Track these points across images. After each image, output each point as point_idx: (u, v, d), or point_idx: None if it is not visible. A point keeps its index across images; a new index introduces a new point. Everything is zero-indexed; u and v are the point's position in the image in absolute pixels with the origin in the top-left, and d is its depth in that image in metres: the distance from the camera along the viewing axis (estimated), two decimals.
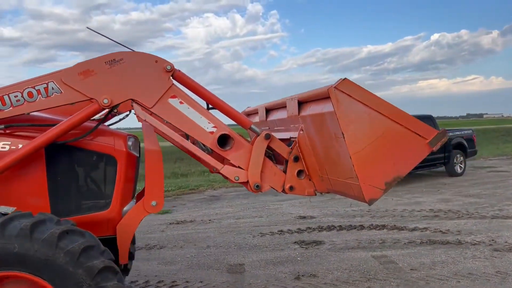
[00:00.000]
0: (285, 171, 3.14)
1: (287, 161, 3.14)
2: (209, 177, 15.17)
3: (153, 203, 3.08)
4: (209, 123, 3.00)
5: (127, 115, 3.82)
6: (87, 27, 3.37)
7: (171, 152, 29.99)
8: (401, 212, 8.31)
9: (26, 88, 2.77)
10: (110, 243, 3.05)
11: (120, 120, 3.71)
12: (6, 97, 2.76)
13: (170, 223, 8.19)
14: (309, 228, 7.27)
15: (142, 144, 3.35)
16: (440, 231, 6.77)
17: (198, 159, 3.23)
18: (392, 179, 2.70)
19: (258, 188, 3.06)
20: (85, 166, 3.16)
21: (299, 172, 3.15)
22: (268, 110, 4.04)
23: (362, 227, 7.21)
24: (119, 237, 3.10)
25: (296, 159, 3.13)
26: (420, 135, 2.69)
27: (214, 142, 2.98)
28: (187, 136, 3.34)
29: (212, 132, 3.00)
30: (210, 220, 8.39)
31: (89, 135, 3.05)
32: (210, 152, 3.14)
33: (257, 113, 4.25)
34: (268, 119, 4.00)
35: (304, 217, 8.19)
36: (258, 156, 3.05)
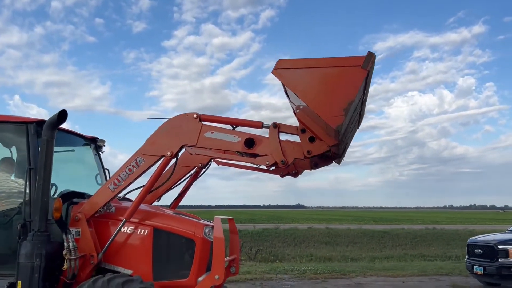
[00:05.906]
0: None
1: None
2: (367, 264, 14.68)
3: (216, 277, 4.05)
4: (234, 136, 4.24)
5: (206, 169, 5.28)
6: (148, 118, 5.00)
7: (344, 235, 29.72)
8: None
9: (127, 167, 4.46)
10: None
11: (203, 173, 5.22)
12: (119, 177, 4.47)
13: None
14: None
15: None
16: None
17: (241, 164, 4.38)
18: (347, 105, 3.47)
19: (283, 163, 4.04)
20: (175, 245, 4.42)
21: (311, 138, 4.05)
22: None
23: None
24: None
25: (303, 131, 4.07)
26: (352, 65, 3.50)
27: (243, 146, 4.17)
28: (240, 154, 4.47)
29: (239, 141, 4.21)
30: None
31: (179, 224, 4.47)
32: (246, 156, 4.29)
33: None
34: None
35: None
36: (274, 141, 4.10)
